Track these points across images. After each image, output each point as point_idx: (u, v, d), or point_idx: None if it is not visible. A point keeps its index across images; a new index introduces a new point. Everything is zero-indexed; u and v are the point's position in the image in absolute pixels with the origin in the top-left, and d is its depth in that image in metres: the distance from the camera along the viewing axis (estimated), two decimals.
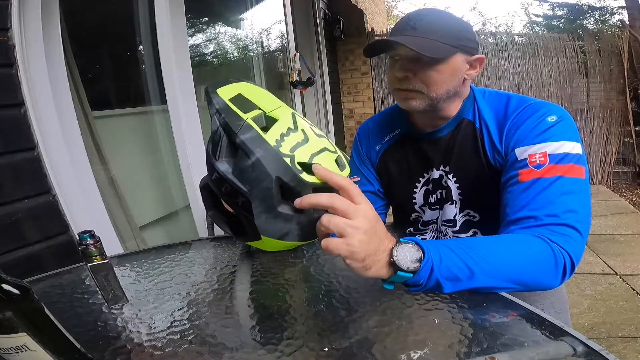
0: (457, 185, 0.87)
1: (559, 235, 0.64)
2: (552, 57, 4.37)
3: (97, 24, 1.72)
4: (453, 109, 0.85)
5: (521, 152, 0.74)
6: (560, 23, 9.39)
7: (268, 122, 0.62)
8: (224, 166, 0.57)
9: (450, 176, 0.87)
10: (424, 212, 0.95)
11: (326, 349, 0.51)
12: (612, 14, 8.86)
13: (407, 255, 0.55)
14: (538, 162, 0.71)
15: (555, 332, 0.52)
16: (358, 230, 0.51)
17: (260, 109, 0.62)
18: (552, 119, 0.74)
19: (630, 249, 2.68)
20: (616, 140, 4.32)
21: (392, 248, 0.54)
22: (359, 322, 0.56)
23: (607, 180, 4.37)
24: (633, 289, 2.15)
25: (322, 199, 0.52)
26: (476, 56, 0.81)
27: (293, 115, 0.62)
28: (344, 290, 0.66)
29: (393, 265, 0.54)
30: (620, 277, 2.30)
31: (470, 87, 0.87)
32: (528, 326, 0.54)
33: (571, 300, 2.03)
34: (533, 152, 0.73)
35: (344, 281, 0.69)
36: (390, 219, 1.09)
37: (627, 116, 4.24)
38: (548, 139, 0.73)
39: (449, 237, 0.91)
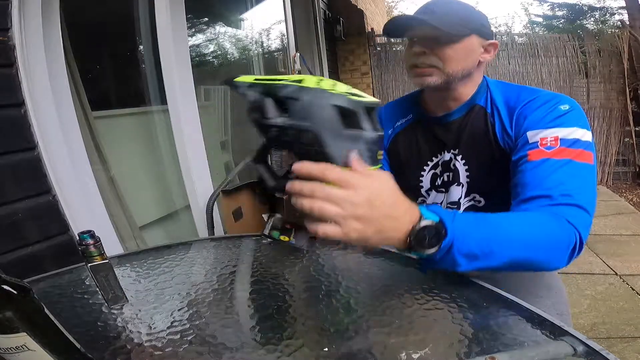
0: (466, 167, 0.88)
1: (573, 216, 0.65)
2: (552, 57, 4.38)
3: (97, 24, 1.72)
4: (466, 91, 0.87)
5: (533, 135, 0.76)
6: (560, 23, 9.41)
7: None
8: (280, 119, 0.57)
9: (459, 158, 0.89)
10: (429, 196, 0.96)
11: (326, 349, 0.51)
12: (612, 14, 8.88)
13: (427, 237, 0.53)
14: (549, 144, 0.73)
15: (555, 332, 0.52)
16: (354, 222, 0.49)
17: (283, 79, 0.63)
18: (564, 107, 0.77)
19: (630, 249, 2.68)
20: (616, 140, 4.32)
21: (412, 228, 0.53)
22: (359, 322, 0.56)
23: (607, 181, 4.36)
24: (633, 289, 2.15)
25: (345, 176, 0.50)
26: (491, 41, 0.85)
27: (318, 77, 0.63)
28: (344, 290, 0.66)
29: (409, 245, 0.53)
30: (620, 277, 2.30)
31: (484, 77, 0.90)
32: (528, 326, 0.54)
33: (571, 300, 2.01)
34: (544, 135, 0.74)
35: (344, 281, 0.69)
36: None
37: (627, 116, 4.23)
38: (560, 124, 0.74)
39: None
